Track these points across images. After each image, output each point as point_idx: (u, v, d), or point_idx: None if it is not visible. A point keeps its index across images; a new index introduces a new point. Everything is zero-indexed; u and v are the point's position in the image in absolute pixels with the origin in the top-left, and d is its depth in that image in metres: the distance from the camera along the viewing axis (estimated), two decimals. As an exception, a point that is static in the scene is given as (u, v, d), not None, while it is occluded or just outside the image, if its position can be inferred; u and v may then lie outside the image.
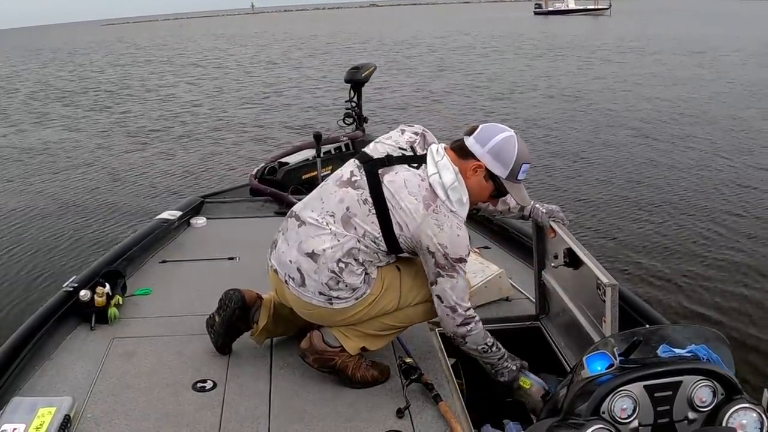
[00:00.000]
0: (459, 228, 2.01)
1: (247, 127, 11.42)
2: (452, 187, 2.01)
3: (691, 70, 16.22)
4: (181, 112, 13.37)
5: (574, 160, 8.29)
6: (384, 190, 2.01)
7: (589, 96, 13.25)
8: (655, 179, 7.27)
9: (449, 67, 19.48)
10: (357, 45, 30.74)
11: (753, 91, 12.83)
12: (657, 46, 22.90)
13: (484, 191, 2.10)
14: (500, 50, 24.33)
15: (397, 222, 1.99)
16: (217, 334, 2.33)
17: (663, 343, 1.61)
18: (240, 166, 8.34)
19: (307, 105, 13.65)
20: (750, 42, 22.53)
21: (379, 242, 2.02)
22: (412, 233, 1.99)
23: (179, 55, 30.62)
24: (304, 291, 2.08)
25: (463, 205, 2.03)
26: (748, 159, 7.97)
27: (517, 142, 2.04)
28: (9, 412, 1.96)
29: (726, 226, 5.82)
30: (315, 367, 2.18)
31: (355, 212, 2.02)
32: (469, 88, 14.88)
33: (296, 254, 2.07)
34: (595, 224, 5.97)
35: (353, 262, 2.03)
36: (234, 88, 16.93)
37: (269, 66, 22.64)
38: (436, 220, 1.98)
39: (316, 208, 2.09)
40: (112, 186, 7.86)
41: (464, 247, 2.02)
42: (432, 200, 1.99)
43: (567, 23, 41.69)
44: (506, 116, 11.22)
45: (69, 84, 19.64)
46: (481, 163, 2.03)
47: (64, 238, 6.06)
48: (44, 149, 10.26)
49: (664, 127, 10.00)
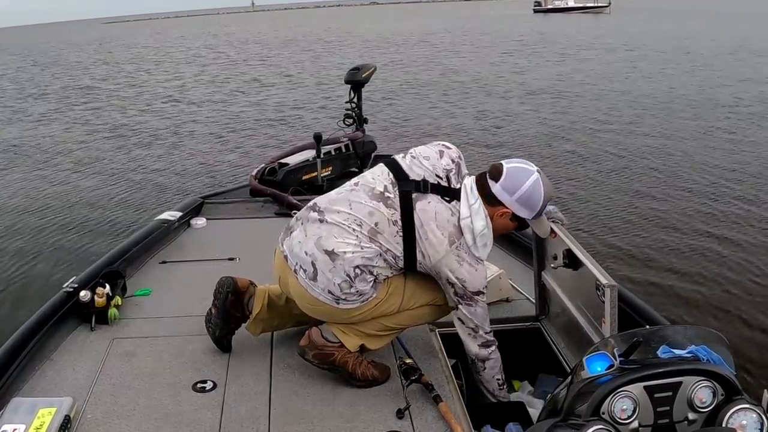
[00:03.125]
0: (478, 264, 2.10)
1: (248, 128, 11.42)
2: (482, 234, 2.08)
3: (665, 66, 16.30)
4: (181, 113, 13.36)
5: (570, 159, 8.30)
6: (415, 218, 2.05)
7: (579, 89, 13.33)
8: (648, 177, 7.29)
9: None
10: (349, 43, 30.84)
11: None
12: (645, 42, 23.00)
13: (508, 227, 2.18)
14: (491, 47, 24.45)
15: (420, 251, 2.07)
16: (215, 326, 2.33)
17: (663, 343, 1.61)
18: (240, 167, 8.34)
19: (307, 105, 13.65)
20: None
21: (399, 261, 2.09)
22: (432, 264, 2.07)
23: (177, 55, 30.61)
24: (314, 285, 2.08)
25: (486, 248, 2.12)
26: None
27: (542, 185, 2.08)
28: (9, 412, 1.96)
29: (727, 226, 5.82)
30: (315, 363, 2.18)
31: (383, 230, 2.06)
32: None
33: (313, 247, 2.08)
34: (595, 224, 5.98)
35: (368, 272, 2.07)
36: (234, 89, 16.92)
37: (269, 66, 22.64)
38: (458, 257, 2.06)
39: (342, 212, 2.10)
40: (113, 186, 7.86)
41: (482, 281, 2.12)
42: (457, 238, 2.07)
43: (566, 21, 41.79)
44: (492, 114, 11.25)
45: (68, 84, 19.63)
46: (509, 210, 2.09)
47: (64, 239, 6.06)
48: (44, 149, 10.26)
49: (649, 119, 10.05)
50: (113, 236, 5.89)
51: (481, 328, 2.16)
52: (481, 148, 8.89)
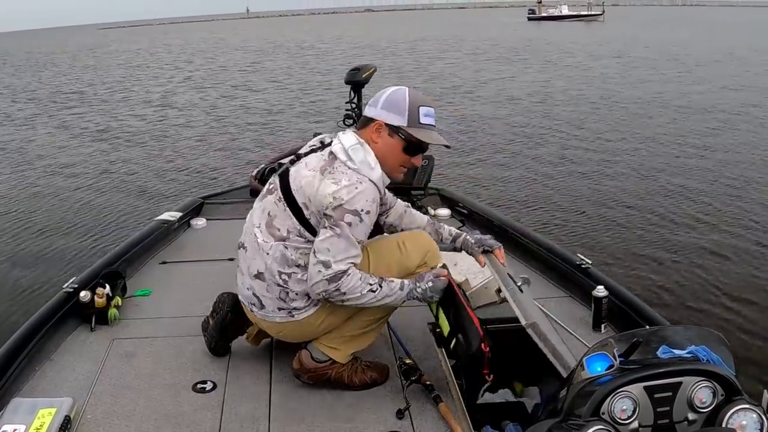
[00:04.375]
0: (360, 183, 1.92)
1: (248, 128, 11.43)
2: (353, 147, 1.97)
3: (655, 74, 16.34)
4: (180, 114, 13.37)
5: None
6: (289, 180, 2.01)
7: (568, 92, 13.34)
8: (646, 178, 7.29)
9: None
10: (344, 48, 30.89)
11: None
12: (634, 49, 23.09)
13: (395, 149, 2.03)
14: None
15: (302, 203, 1.96)
16: (211, 337, 2.33)
17: (663, 344, 1.60)
18: (240, 167, 8.34)
19: (307, 106, 13.66)
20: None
21: (303, 232, 1.99)
22: (316, 206, 1.93)
23: (176, 57, 30.60)
24: (265, 313, 2.09)
25: (371, 168, 1.96)
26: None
27: (407, 90, 2.05)
28: (9, 412, 1.96)
29: (727, 225, 5.82)
30: (311, 383, 2.16)
31: (275, 214, 2.03)
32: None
33: (249, 280, 2.09)
34: (596, 224, 5.98)
35: (296, 269, 2.01)
36: (234, 89, 16.93)
37: (269, 66, 22.64)
38: (333, 178, 1.93)
39: (248, 228, 2.12)
40: (112, 187, 7.86)
41: (363, 200, 1.91)
42: (329, 165, 1.96)
43: (558, 29, 41.97)
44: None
45: (65, 87, 19.62)
46: (380, 120, 2.02)
47: (64, 239, 6.05)
48: (43, 150, 10.26)
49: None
50: (113, 237, 5.88)
51: (330, 263, 1.91)
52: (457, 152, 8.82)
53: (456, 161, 8.15)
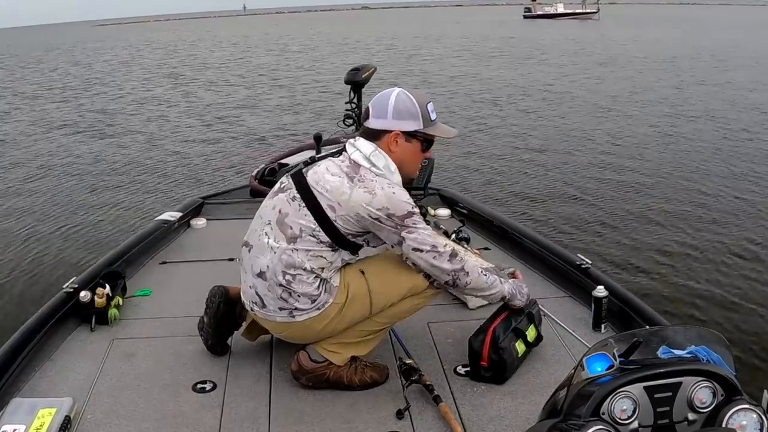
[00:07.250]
0: (391, 187, 2.00)
1: (248, 129, 11.41)
2: (373, 154, 2.03)
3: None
4: (180, 114, 13.36)
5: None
6: (308, 181, 2.03)
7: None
8: (647, 176, 7.29)
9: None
10: (341, 45, 30.89)
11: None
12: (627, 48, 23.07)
13: (414, 152, 2.10)
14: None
15: (328, 205, 1.99)
16: (207, 334, 2.34)
17: (663, 344, 1.60)
18: (240, 167, 8.34)
19: (307, 106, 13.65)
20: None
21: (318, 234, 2.00)
22: (347, 211, 1.99)
23: (174, 57, 30.60)
24: (267, 312, 2.09)
25: (391, 173, 2.04)
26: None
27: (408, 92, 2.07)
28: (9, 413, 1.96)
29: (726, 226, 5.82)
30: (310, 385, 2.16)
31: (287, 212, 2.04)
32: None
33: (252, 278, 2.09)
34: (594, 223, 5.98)
35: (302, 272, 2.01)
36: (233, 89, 16.92)
37: (269, 67, 22.63)
38: (365, 188, 1.98)
39: (255, 226, 2.13)
40: (112, 187, 7.84)
41: (405, 202, 2.00)
42: (355, 172, 2.01)
43: (552, 26, 42.04)
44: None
45: (67, 85, 19.62)
46: (395, 131, 2.04)
47: (64, 239, 6.05)
48: (43, 150, 10.25)
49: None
50: (113, 237, 5.87)
51: (438, 245, 2.02)
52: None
53: (456, 161, 8.15)
